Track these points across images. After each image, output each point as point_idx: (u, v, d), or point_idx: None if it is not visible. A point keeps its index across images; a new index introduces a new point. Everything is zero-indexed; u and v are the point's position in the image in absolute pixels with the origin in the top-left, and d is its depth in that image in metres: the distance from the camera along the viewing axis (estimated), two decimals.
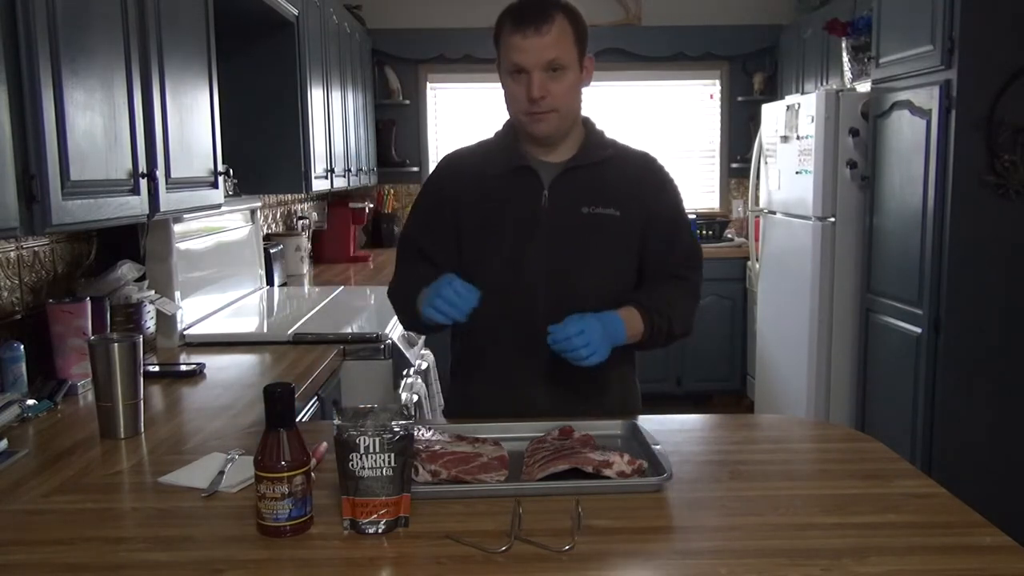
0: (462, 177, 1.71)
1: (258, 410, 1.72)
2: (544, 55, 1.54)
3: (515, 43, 1.55)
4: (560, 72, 1.57)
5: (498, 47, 1.62)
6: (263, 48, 3.21)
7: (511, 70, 1.58)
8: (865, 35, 3.56)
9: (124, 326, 2.17)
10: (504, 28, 1.58)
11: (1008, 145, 2.75)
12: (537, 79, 1.56)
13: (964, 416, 2.89)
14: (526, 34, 1.54)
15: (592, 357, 1.48)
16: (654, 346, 1.65)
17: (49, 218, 1.47)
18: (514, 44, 1.55)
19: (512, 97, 1.61)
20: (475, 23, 4.96)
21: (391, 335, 2.49)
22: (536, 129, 1.62)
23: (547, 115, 1.59)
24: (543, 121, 1.60)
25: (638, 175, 1.71)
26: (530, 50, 1.54)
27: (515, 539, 1.11)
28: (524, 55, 1.55)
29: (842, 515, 1.20)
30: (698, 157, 5.58)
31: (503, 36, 1.59)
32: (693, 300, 1.73)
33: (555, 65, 1.56)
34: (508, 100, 1.64)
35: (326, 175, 3.68)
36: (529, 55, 1.55)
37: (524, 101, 1.58)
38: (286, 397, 1.16)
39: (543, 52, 1.54)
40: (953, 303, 2.85)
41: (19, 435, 1.61)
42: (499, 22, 1.60)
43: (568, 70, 1.58)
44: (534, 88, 1.56)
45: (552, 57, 1.55)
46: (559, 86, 1.57)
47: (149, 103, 1.88)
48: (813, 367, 3.75)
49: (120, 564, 1.08)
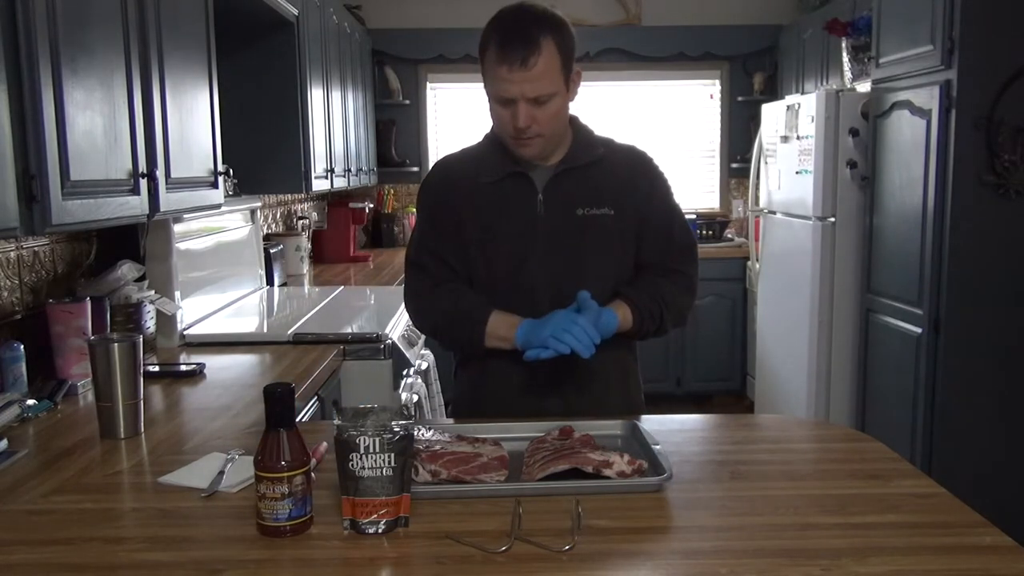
0: (457, 185, 1.70)
1: (258, 410, 1.72)
2: (529, 89, 1.51)
3: (500, 75, 1.51)
4: (547, 101, 1.54)
5: (482, 68, 1.57)
6: (263, 48, 3.21)
7: (495, 97, 1.56)
8: (865, 35, 3.56)
9: (124, 326, 2.16)
10: (488, 53, 1.54)
11: (1008, 145, 2.75)
12: (523, 110, 1.53)
13: (964, 416, 2.89)
14: (512, 67, 1.50)
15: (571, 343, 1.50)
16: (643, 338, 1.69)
17: (49, 218, 1.47)
18: (500, 75, 1.52)
19: (498, 120, 1.60)
20: (475, 23, 4.91)
21: (391, 335, 2.49)
22: (522, 153, 1.62)
23: (532, 140, 1.58)
24: (528, 146, 1.60)
25: (629, 172, 1.71)
26: (516, 82, 1.51)
27: (515, 539, 1.11)
28: (510, 87, 1.52)
29: (842, 515, 1.20)
30: (698, 157, 5.58)
31: (487, 62, 1.55)
32: (690, 295, 1.74)
33: (540, 99, 1.53)
34: (494, 121, 1.62)
35: (326, 175, 3.68)
36: (515, 87, 1.51)
37: (510, 127, 1.57)
38: (286, 397, 1.16)
39: (528, 86, 1.51)
40: (953, 303, 2.85)
41: (19, 435, 1.61)
42: (483, 42, 1.56)
43: (555, 96, 1.55)
44: (520, 119, 1.54)
45: (537, 93, 1.52)
46: (545, 113, 1.55)
47: (149, 103, 1.88)
48: (813, 367, 3.75)
49: (120, 564, 1.08)
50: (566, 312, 1.55)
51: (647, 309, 1.64)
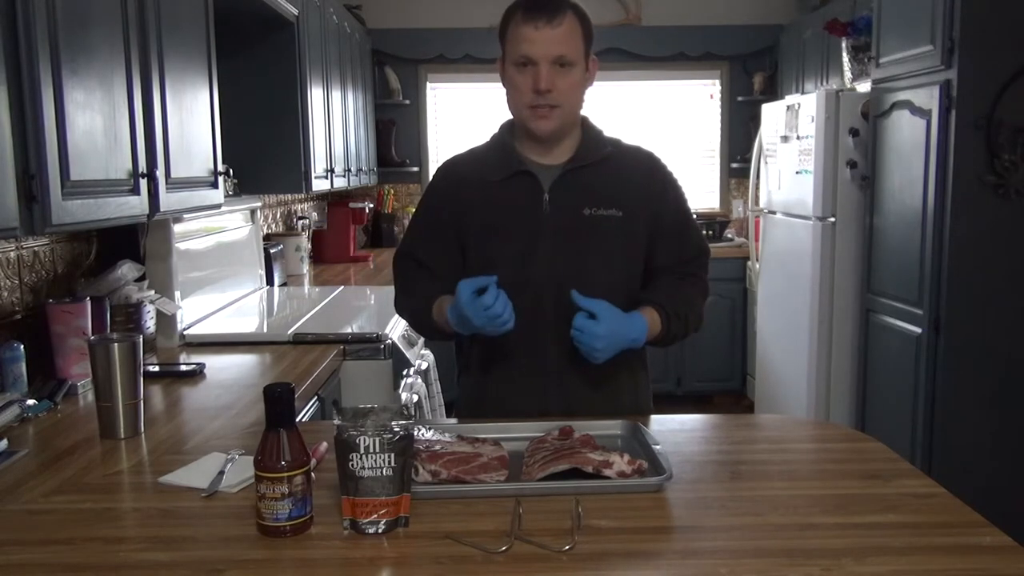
0: (462, 186, 1.70)
1: (258, 410, 1.72)
2: (554, 48, 1.55)
3: (526, 34, 1.55)
4: (567, 68, 1.57)
5: (504, 40, 1.62)
6: (263, 48, 3.21)
7: (519, 61, 1.58)
8: (865, 35, 3.56)
9: (124, 326, 2.16)
10: (513, 19, 1.59)
11: (1008, 145, 2.75)
12: (545, 71, 1.55)
13: (964, 416, 2.89)
14: (538, 25, 1.54)
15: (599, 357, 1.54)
16: (667, 345, 1.70)
17: (49, 218, 1.47)
18: (524, 35, 1.56)
19: (516, 89, 1.61)
20: (475, 23, 4.97)
21: (391, 335, 2.50)
22: (538, 126, 1.61)
23: (550, 111, 1.59)
24: (546, 118, 1.60)
25: (640, 174, 1.70)
26: (541, 41, 1.55)
27: (515, 539, 1.11)
28: (534, 46, 1.55)
29: (842, 515, 1.20)
30: (698, 157, 5.58)
31: (512, 27, 1.59)
32: (703, 298, 1.76)
33: (563, 60, 1.56)
34: (511, 94, 1.63)
35: (326, 175, 3.68)
36: (539, 46, 1.55)
37: (529, 93, 1.58)
38: (286, 397, 1.16)
39: (553, 45, 1.55)
40: (953, 303, 2.85)
41: (19, 435, 1.61)
42: (507, 14, 1.60)
43: (575, 66, 1.58)
44: (541, 80, 1.55)
45: (562, 52, 1.55)
46: (565, 81, 1.58)
47: (149, 103, 1.88)
48: (813, 367, 3.75)
49: (120, 564, 1.08)
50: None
51: (675, 313, 1.65)
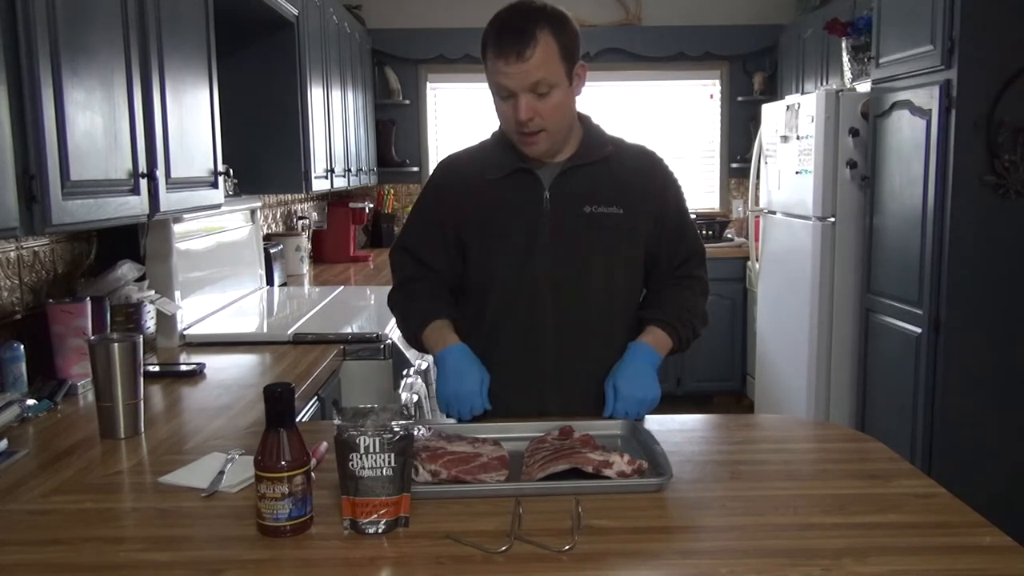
0: (461, 183, 1.70)
1: (258, 410, 1.72)
2: (527, 79, 1.52)
3: (499, 68, 1.53)
4: (547, 92, 1.54)
5: (485, 64, 1.58)
6: (263, 48, 3.21)
7: (498, 92, 1.57)
8: (865, 35, 3.56)
9: (124, 326, 2.16)
10: (487, 49, 1.55)
11: (1008, 145, 2.75)
12: (524, 102, 1.53)
13: (964, 416, 2.89)
14: (508, 60, 1.51)
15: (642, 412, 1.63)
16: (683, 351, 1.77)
17: (49, 218, 1.47)
18: (498, 69, 1.53)
19: (502, 116, 1.60)
20: (475, 23, 4.92)
21: (391, 335, 2.49)
22: (528, 150, 1.61)
23: (536, 136, 1.58)
24: (534, 144, 1.59)
25: (640, 172, 1.70)
26: (515, 75, 1.51)
27: (515, 539, 1.11)
28: (509, 79, 1.52)
29: (842, 515, 1.20)
30: (698, 157, 5.58)
31: (487, 56, 1.56)
32: (704, 297, 1.78)
33: (540, 88, 1.53)
34: (500, 118, 1.63)
35: (326, 175, 3.68)
36: (514, 79, 1.52)
37: (513, 122, 1.57)
38: (286, 397, 1.16)
39: (526, 77, 1.51)
40: (953, 303, 2.85)
41: (19, 435, 1.61)
42: (484, 41, 1.57)
43: (556, 88, 1.54)
44: (520, 111, 1.54)
45: (537, 79, 1.52)
46: (547, 106, 1.55)
47: (149, 103, 1.88)
48: (813, 367, 3.75)
49: (120, 564, 1.08)
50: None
51: (680, 323, 1.69)
